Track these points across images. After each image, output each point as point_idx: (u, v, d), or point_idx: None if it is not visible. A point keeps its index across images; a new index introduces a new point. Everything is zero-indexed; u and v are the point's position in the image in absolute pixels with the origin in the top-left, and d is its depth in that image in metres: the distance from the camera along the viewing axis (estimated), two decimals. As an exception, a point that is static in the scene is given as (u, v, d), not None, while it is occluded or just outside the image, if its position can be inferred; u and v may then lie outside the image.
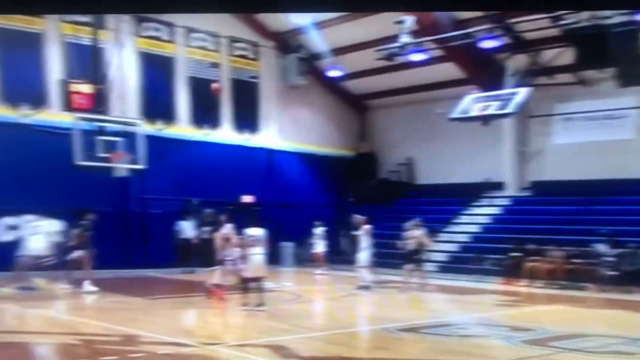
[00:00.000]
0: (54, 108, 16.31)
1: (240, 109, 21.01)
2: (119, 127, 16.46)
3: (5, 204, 16.14)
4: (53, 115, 16.45)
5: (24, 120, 16.62)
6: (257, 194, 21.16)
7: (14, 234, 16.18)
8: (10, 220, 16.28)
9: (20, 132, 16.38)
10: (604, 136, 18.03)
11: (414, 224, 14.85)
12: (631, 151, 17.34)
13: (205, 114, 20.23)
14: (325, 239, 18.70)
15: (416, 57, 16.59)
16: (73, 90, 14.88)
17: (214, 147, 20.34)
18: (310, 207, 22.28)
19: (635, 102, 17.43)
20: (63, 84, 15.10)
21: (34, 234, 12.98)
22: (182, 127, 19.77)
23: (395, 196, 22.00)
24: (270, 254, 19.37)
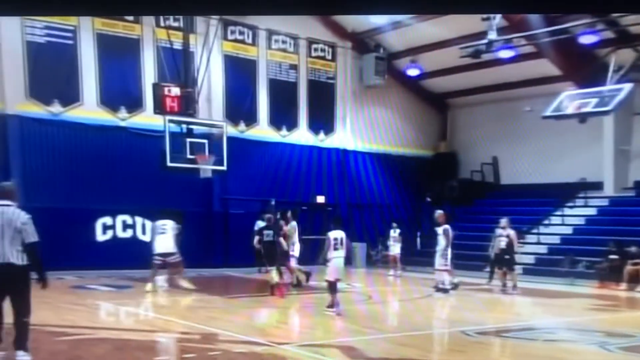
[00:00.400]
0: (147, 111, 16.85)
1: (317, 110, 21.14)
2: (205, 129, 16.81)
3: (101, 205, 16.80)
4: (146, 118, 16.99)
5: (121, 124, 17.28)
6: (332, 194, 21.24)
7: (110, 233, 16.86)
8: (107, 220, 16.92)
9: (118, 135, 17.07)
10: None
11: (507, 222, 14.39)
12: None
13: (283, 115, 20.47)
14: (402, 240, 18.38)
15: (505, 54, 16.19)
16: (165, 93, 15.22)
17: (291, 148, 20.56)
18: (384, 208, 22.20)
19: None
20: (156, 88, 15.50)
21: (162, 233, 13.36)
22: (262, 129, 20.04)
23: (476, 196, 21.63)
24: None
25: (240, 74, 19.41)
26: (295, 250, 14.02)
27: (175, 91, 15.35)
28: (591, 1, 2.79)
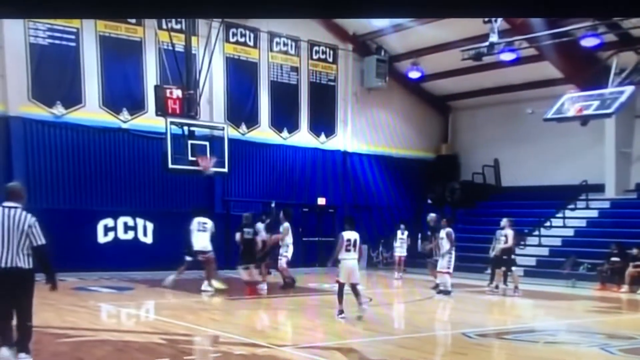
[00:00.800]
0: (149, 113, 16.87)
1: (318, 112, 21.15)
2: (206, 131, 16.85)
3: (103, 206, 16.84)
4: (148, 120, 17.02)
5: (123, 125, 17.32)
6: (333, 196, 21.25)
7: (111, 235, 16.88)
8: (108, 222, 16.96)
9: (120, 137, 17.12)
10: None
11: (508, 222, 14.39)
12: None
13: (284, 117, 20.49)
14: (408, 242, 18.41)
15: (507, 57, 16.20)
16: (167, 95, 15.24)
17: (292, 150, 20.58)
18: (385, 210, 22.20)
19: None
20: (158, 90, 15.53)
21: (202, 231, 13.54)
22: (263, 131, 20.06)
23: (478, 198, 21.61)
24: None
25: (241, 76, 19.46)
26: (288, 252, 14.03)
27: (177, 93, 15.33)
28: (592, 6, 2.81)
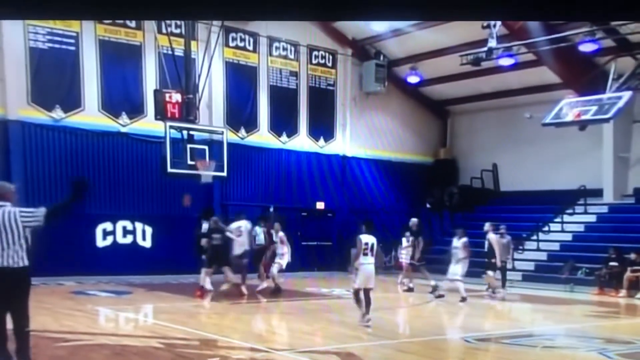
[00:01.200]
0: (148, 117, 16.90)
1: (317, 116, 21.17)
2: (205, 136, 16.88)
3: (101, 210, 16.82)
4: (147, 124, 17.04)
5: (122, 129, 17.32)
6: (331, 200, 21.25)
7: (110, 239, 16.87)
8: (107, 226, 16.95)
9: (119, 141, 17.13)
10: None
11: (490, 226, 14.45)
12: None
13: (283, 121, 20.51)
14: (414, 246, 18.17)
15: (505, 62, 16.25)
16: (166, 99, 15.27)
17: (291, 155, 20.58)
18: (384, 215, 22.14)
19: None
20: (157, 94, 15.56)
21: (240, 236, 13.58)
22: (262, 135, 20.07)
23: (476, 203, 21.61)
24: (342, 261, 19.72)
25: (241, 81, 19.48)
26: (283, 260, 13.98)
27: (176, 97, 15.39)
28: (590, 10, 2.83)
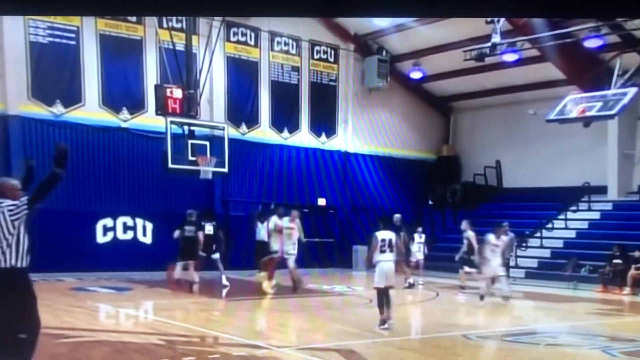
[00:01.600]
0: (149, 112, 16.81)
1: (319, 112, 21.06)
2: (206, 131, 16.79)
3: (102, 206, 16.74)
4: (148, 120, 16.96)
5: (123, 125, 17.23)
6: (333, 197, 21.15)
7: (110, 235, 16.78)
8: (107, 222, 16.87)
9: (119, 136, 17.04)
10: None
11: (467, 224, 14.34)
12: None
13: (285, 117, 20.41)
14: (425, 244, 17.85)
15: (509, 58, 16.13)
16: (167, 94, 15.20)
17: (292, 151, 20.48)
18: (386, 212, 22.00)
19: None
20: (158, 89, 15.47)
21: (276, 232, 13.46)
22: (263, 131, 19.97)
23: (479, 200, 21.50)
24: (344, 258, 19.66)
25: (242, 76, 19.37)
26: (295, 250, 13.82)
27: (177, 93, 15.31)
28: (596, 6, 2.73)
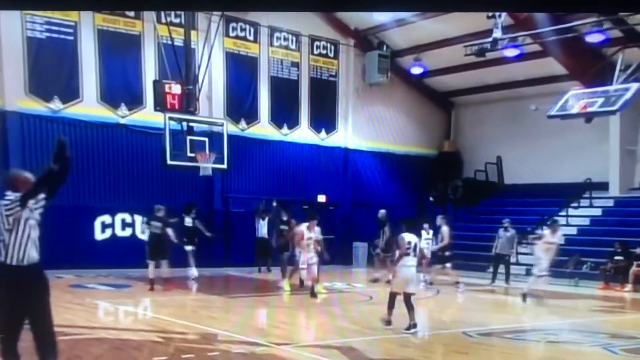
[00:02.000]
0: (148, 108, 16.72)
1: (319, 108, 20.96)
2: (205, 127, 16.71)
3: (100, 203, 16.66)
4: (147, 116, 16.86)
5: (121, 121, 17.13)
6: (333, 193, 21.06)
7: (109, 232, 16.70)
8: (106, 219, 16.77)
9: (117, 132, 16.93)
10: None
11: (442, 219, 14.29)
12: None
13: (284, 113, 20.30)
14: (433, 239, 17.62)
15: (510, 53, 16.02)
16: (165, 90, 15.11)
17: (292, 147, 20.38)
18: (387, 208, 21.89)
19: None
20: (157, 85, 15.38)
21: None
22: (263, 127, 19.86)
23: (480, 196, 21.45)
24: (344, 254, 19.58)
25: (241, 71, 19.24)
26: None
27: (176, 88, 15.24)
28: (597, 2, 2.62)
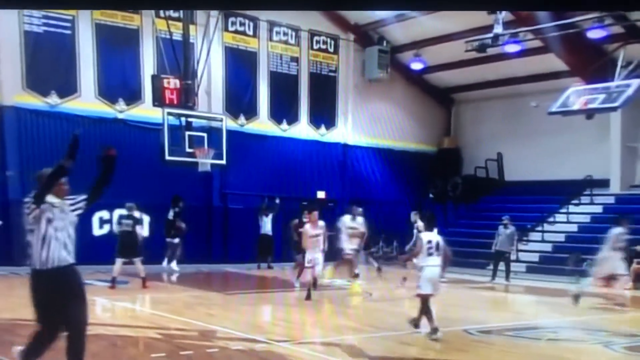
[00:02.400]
0: (146, 103, 16.66)
1: (318, 103, 20.86)
2: (204, 123, 16.63)
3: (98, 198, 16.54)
4: (145, 111, 16.77)
5: (119, 116, 17.05)
6: (332, 190, 20.97)
7: (107, 228, 16.62)
8: (104, 215, 16.69)
9: (115, 128, 16.81)
10: None
11: (416, 214, 14.23)
12: None
13: (284, 108, 20.20)
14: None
15: (511, 49, 15.92)
16: (164, 85, 15.04)
17: (291, 143, 20.27)
18: (386, 205, 21.88)
19: None
20: (155, 80, 15.30)
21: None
22: (262, 123, 19.76)
23: (480, 193, 21.38)
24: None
25: (240, 66, 19.14)
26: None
27: (175, 83, 15.21)
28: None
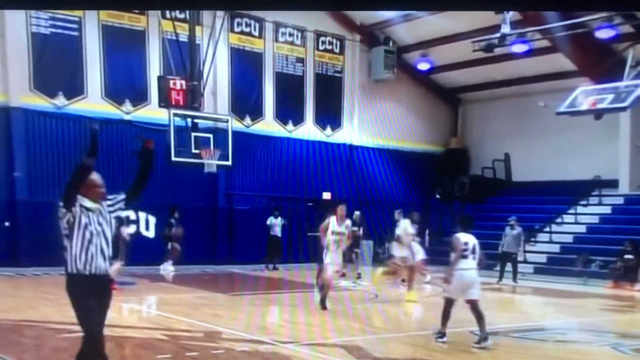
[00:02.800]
0: (152, 104, 16.61)
1: (324, 104, 20.80)
2: (210, 124, 16.60)
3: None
4: (151, 112, 16.76)
5: (125, 117, 17.08)
6: (338, 190, 20.91)
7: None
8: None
9: (122, 129, 16.83)
10: None
11: (400, 213, 13.99)
12: None
13: (289, 109, 20.14)
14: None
15: (519, 48, 15.84)
16: (170, 86, 15.02)
17: (297, 143, 20.24)
18: (393, 205, 21.77)
19: None
20: (161, 81, 15.29)
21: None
22: (268, 123, 19.73)
23: (487, 194, 21.29)
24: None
25: (246, 67, 19.10)
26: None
27: (181, 84, 15.16)
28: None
